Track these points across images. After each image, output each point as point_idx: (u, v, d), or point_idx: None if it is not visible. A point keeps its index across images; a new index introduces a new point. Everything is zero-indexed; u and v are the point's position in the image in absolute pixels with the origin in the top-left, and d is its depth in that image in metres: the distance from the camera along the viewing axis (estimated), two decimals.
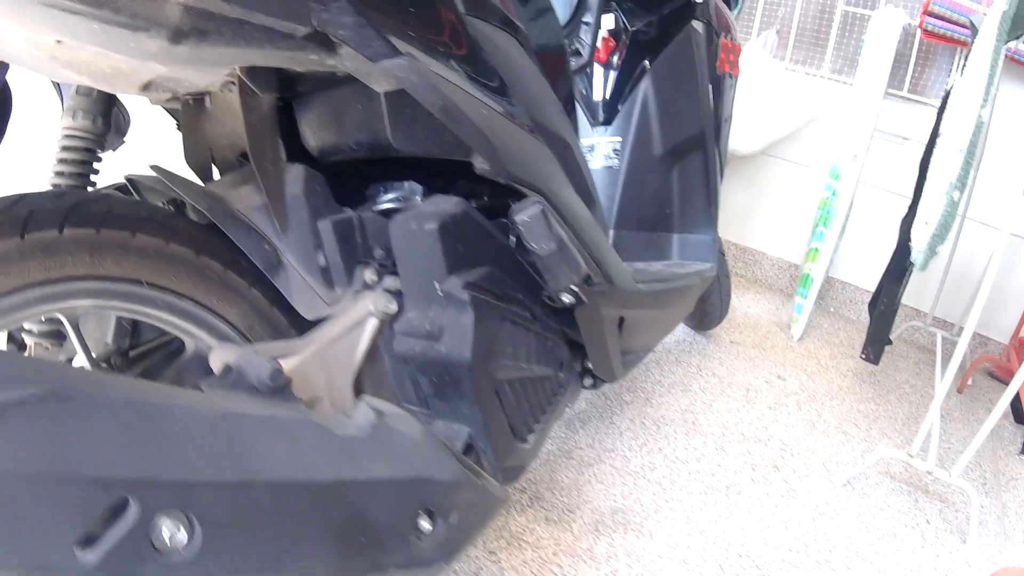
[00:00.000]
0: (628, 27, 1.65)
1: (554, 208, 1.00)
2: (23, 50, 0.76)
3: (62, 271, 0.83)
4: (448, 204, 0.99)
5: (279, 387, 0.83)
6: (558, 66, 1.14)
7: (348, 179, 1.25)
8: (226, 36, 0.72)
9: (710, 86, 1.62)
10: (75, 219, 0.83)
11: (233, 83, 1.00)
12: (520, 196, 1.01)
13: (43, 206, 0.82)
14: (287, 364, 0.92)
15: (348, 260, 1.00)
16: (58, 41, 0.71)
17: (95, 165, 1.03)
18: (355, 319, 0.99)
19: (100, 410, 0.53)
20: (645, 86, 1.63)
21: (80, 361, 0.95)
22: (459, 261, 0.97)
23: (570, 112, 1.18)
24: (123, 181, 1.16)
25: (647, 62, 1.64)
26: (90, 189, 1.03)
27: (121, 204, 0.88)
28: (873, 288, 2.65)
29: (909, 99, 2.48)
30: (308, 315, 0.97)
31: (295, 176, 0.98)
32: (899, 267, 1.99)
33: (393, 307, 1.00)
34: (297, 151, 1.14)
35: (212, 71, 0.92)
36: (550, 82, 1.09)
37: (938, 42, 2.30)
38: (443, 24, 0.86)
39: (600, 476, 1.68)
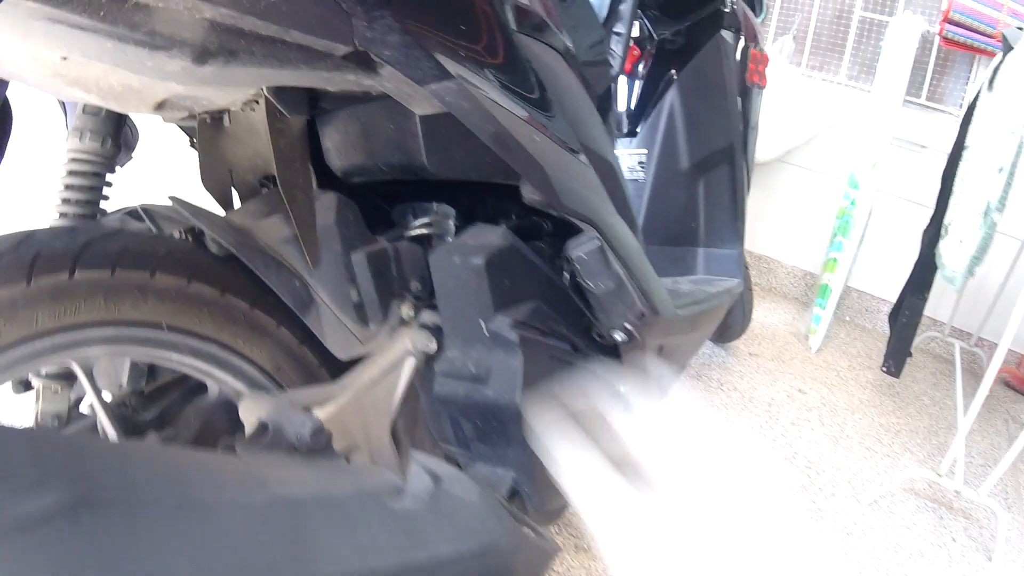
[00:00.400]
0: (653, 35, 1.56)
1: (607, 240, 0.91)
2: (25, 67, 0.67)
3: (74, 318, 0.74)
4: (493, 236, 0.89)
5: (320, 446, 0.74)
6: (600, 80, 1.05)
7: (369, 197, 1.16)
8: (257, 56, 0.63)
9: (739, 97, 1.54)
10: (87, 260, 0.74)
11: (256, 101, 0.91)
12: (553, 216, 0.92)
13: (51, 246, 0.73)
14: (323, 412, 0.83)
15: (383, 294, 0.91)
16: (63, 58, 0.62)
17: (104, 190, 0.93)
18: (392, 360, 0.89)
19: (138, 517, 0.44)
20: (672, 97, 1.55)
21: (90, 400, 0.85)
22: (505, 297, 0.88)
23: (609, 128, 1.10)
24: (134, 206, 1.07)
25: (674, 72, 1.55)
26: (100, 217, 0.93)
27: (137, 241, 0.78)
28: (888, 296, 2.59)
29: (927, 107, 2.41)
30: (341, 355, 0.87)
31: (327, 205, 0.89)
32: (922, 279, 1.92)
33: (433, 346, 0.91)
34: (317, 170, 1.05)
35: (237, 91, 0.82)
36: (591, 97, 1.00)
37: (958, 50, 2.23)
38: (494, 43, 0.77)
39: None
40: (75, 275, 0.73)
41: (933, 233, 1.91)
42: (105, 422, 0.84)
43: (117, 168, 1.09)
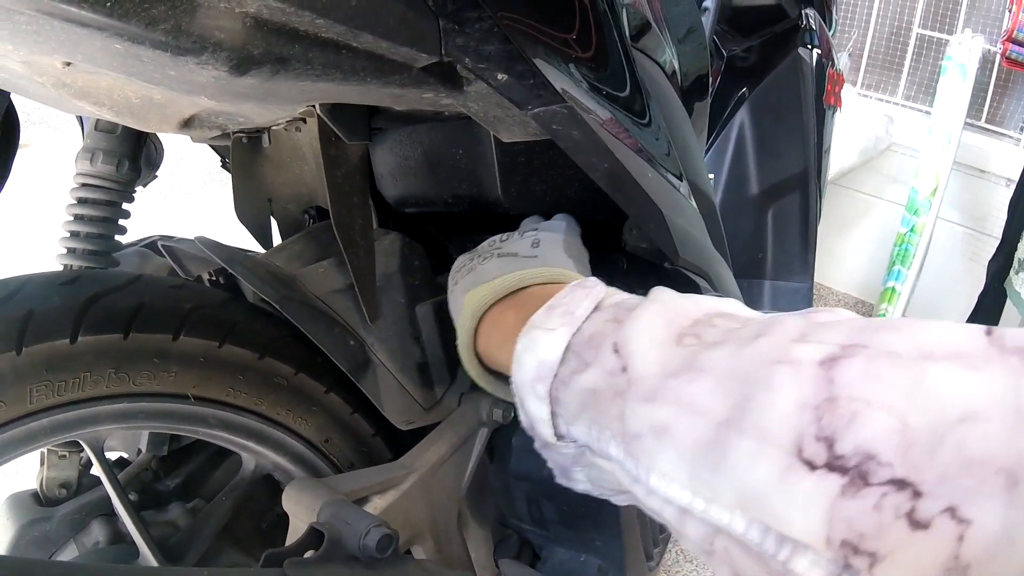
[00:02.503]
0: (722, 51, 1.37)
1: (722, 295, 0.73)
2: (21, 75, 0.49)
3: (78, 393, 0.56)
4: None
5: (387, 556, 0.55)
6: (699, 105, 0.86)
7: (421, 227, 0.98)
8: (314, 66, 0.44)
9: (815, 120, 1.35)
10: (93, 320, 0.55)
11: (303, 120, 0.73)
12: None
13: (48, 302, 0.55)
14: (384, 500, 0.64)
15: (450, 353, 0.73)
16: (66, 64, 0.44)
17: (121, 222, 0.75)
18: (463, 432, 0.71)
19: None
20: (741, 117, 1.36)
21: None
22: None
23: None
24: (154, 237, 0.89)
25: (745, 91, 1.36)
26: (114, 254, 0.75)
27: (156, 294, 0.60)
28: None
29: (987, 129, 2.20)
30: (401, 424, 0.69)
31: (390, 249, 0.70)
32: (990, 314, 1.73)
33: (510, 413, 0.72)
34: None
35: (282, 108, 0.64)
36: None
37: (1021, 71, 2.03)
38: (607, 57, 0.58)
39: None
40: (78, 340, 0.54)
41: (1000, 265, 1.73)
42: (119, 505, 0.66)
43: (139, 189, 0.92)
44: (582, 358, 0.44)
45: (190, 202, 2.83)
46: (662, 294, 0.46)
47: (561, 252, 0.61)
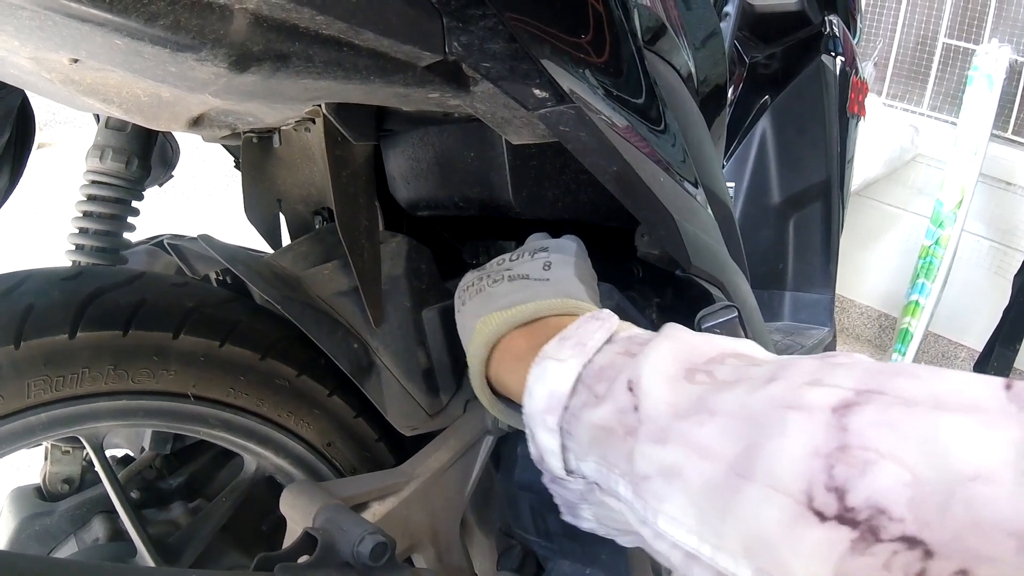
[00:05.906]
0: (744, 58, 1.35)
1: (734, 303, 0.70)
2: (30, 71, 0.49)
3: (76, 389, 0.56)
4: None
5: (381, 564, 0.54)
6: (717, 110, 0.84)
7: (434, 231, 0.96)
8: (315, 63, 0.43)
9: (838, 129, 1.32)
10: (93, 316, 0.55)
11: (312, 120, 0.72)
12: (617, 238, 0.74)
13: (48, 297, 0.55)
14: (384, 506, 0.63)
15: (457, 359, 0.71)
16: (74, 60, 0.44)
17: (129, 220, 0.75)
18: (468, 440, 0.69)
19: None
20: (763, 125, 1.33)
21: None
22: None
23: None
24: (162, 236, 0.88)
25: (767, 98, 1.33)
26: (123, 251, 0.75)
27: (158, 292, 0.59)
28: (966, 341, 2.33)
29: (1014, 141, 2.15)
30: (405, 429, 0.68)
31: (396, 251, 0.69)
32: (1013, 329, 1.69)
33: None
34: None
35: (288, 107, 0.63)
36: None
37: None
38: (619, 59, 0.56)
39: None
40: (77, 336, 0.54)
41: None
42: (116, 501, 0.65)
43: (157, 189, 0.91)
44: (593, 391, 0.44)
45: (213, 203, 2.84)
46: (676, 330, 0.45)
47: (573, 277, 0.60)
